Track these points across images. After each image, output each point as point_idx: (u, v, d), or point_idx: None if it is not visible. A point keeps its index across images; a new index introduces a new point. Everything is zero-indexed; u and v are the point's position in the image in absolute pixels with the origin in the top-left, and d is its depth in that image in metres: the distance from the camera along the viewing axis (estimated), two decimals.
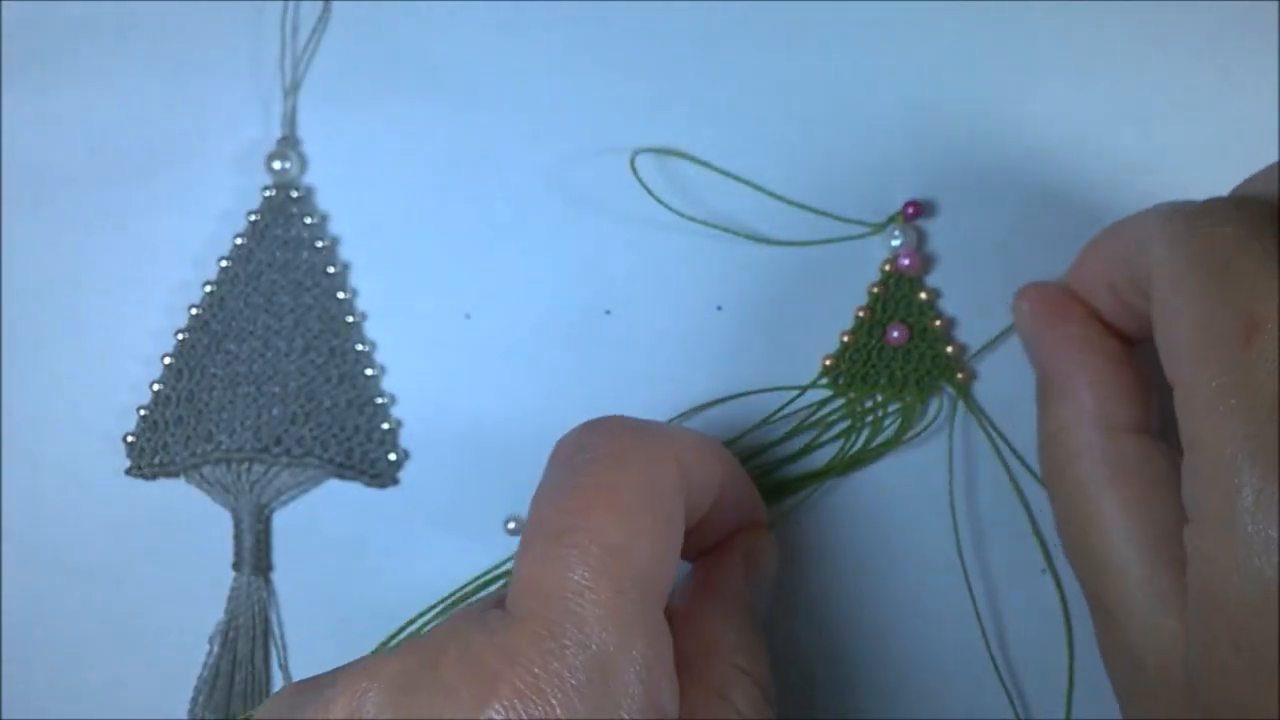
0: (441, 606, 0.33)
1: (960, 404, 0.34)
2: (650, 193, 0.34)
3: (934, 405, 0.34)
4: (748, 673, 0.26)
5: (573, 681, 0.21)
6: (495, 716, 0.21)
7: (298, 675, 0.34)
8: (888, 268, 0.34)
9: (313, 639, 0.34)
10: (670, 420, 0.34)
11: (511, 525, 0.33)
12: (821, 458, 0.34)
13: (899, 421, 0.34)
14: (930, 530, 0.33)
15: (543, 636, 0.22)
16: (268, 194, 0.36)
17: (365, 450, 0.35)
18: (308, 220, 0.36)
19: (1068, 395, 0.29)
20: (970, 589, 0.33)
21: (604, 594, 0.22)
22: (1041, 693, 0.33)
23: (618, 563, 0.23)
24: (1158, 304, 0.25)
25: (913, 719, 0.33)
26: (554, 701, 0.21)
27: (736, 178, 0.35)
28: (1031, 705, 0.33)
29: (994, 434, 0.34)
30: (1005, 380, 0.34)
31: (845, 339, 0.34)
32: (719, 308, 0.35)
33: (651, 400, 0.34)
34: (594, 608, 0.22)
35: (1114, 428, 0.27)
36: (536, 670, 0.21)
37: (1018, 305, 0.31)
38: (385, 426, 0.35)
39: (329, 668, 0.24)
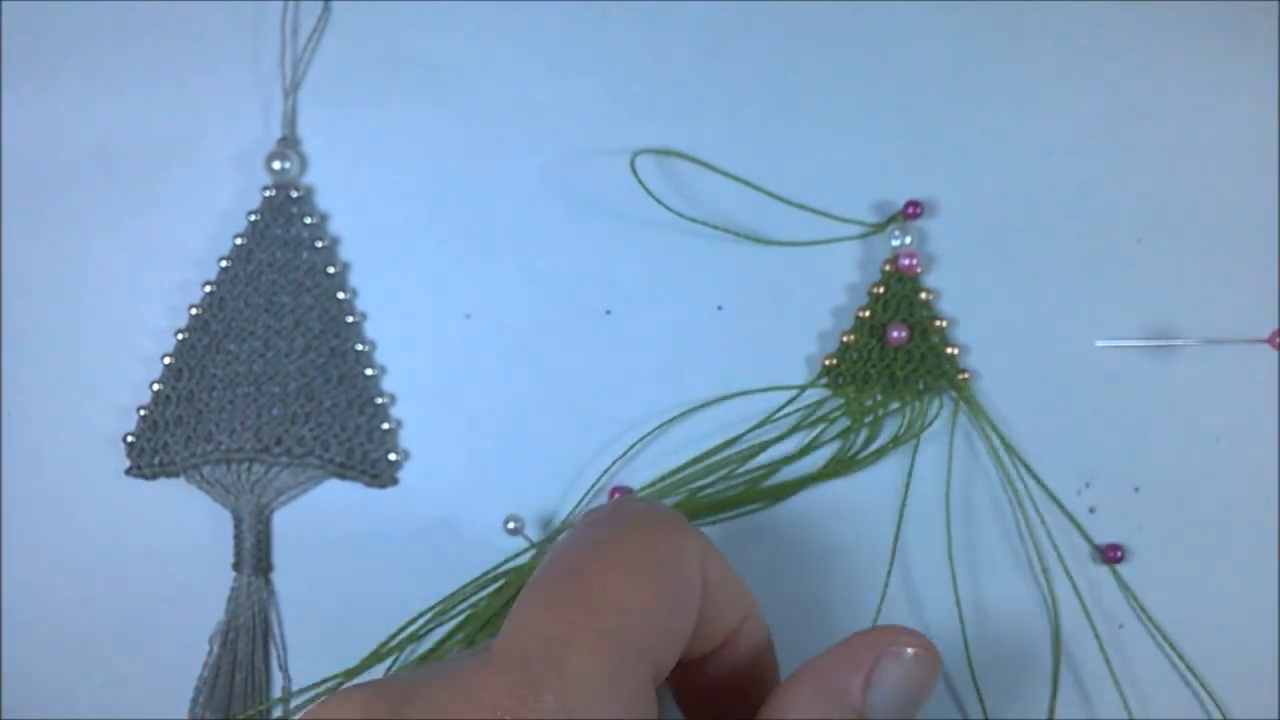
0: (441, 606, 0.33)
1: (958, 404, 0.34)
2: (650, 193, 0.34)
3: (934, 405, 0.34)
4: None
5: None
6: None
7: (297, 675, 0.34)
8: (888, 268, 0.34)
9: (313, 639, 0.34)
10: (669, 420, 0.34)
11: (511, 525, 0.33)
12: (821, 458, 0.34)
13: (899, 421, 0.34)
14: (929, 530, 0.33)
15: (519, 683, 0.21)
16: (268, 194, 0.36)
17: (365, 450, 0.35)
18: (308, 220, 0.36)
19: None
20: (957, 590, 0.33)
21: (594, 648, 0.21)
22: (1040, 692, 0.33)
23: (617, 622, 0.22)
24: None
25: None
26: None
27: (736, 178, 0.35)
28: (1030, 705, 0.33)
29: (992, 434, 0.34)
30: (1005, 380, 0.34)
31: (845, 339, 0.34)
32: (719, 308, 0.35)
33: (651, 400, 0.34)
34: (581, 657, 0.21)
35: None
36: (505, 715, 0.20)
37: None
38: (385, 426, 0.35)
39: (329, 668, 0.23)
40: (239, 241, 0.36)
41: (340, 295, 0.35)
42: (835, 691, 0.23)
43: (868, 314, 0.34)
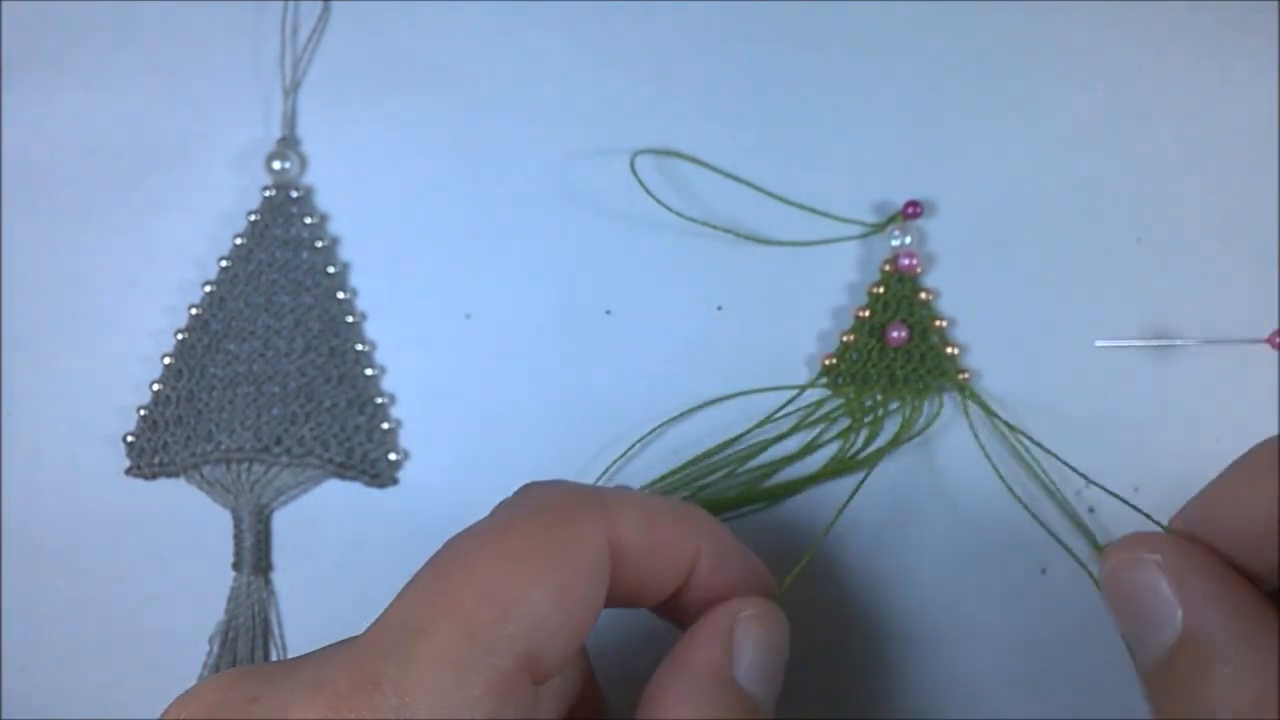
0: None
1: (959, 404, 0.34)
2: (650, 193, 0.34)
3: (934, 405, 0.34)
4: None
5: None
6: None
7: None
8: (888, 268, 0.34)
9: (312, 639, 0.34)
10: (669, 420, 0.34)
11: None
12: (821, 458, 0.34)
13: (899, 421, 0.34)
14: (929, 530, 0.33)
15: (359, 673, 0.21)
16: (268, 194, 0.36)
17: (365, 450, 0.35)
18: (308, 220, 0.36)
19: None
20: (957, 590, 0.33)
21: (447, 638, 0.21)
22: (1038, 691, 0.33)
23: (478, 611, 0.21)
24: None
25: (910, 718, 0.33)
26: None
27: (736, 178, 0.35)
28: (1032, 703, 0.33)
29: (1007, 429, 0.34)
30: (1005, 380, 0.34)
31: (845, 339, 0.34)
32: (719, 308, 0.35)
33: (651, 400, 0.34)
34: (430, 647, 0.21)
35: None
36: (340, 705, 0.20)
37: (1138, 560, 0.24)
38: (385, 426, 0.35)
39: None
40: (239, 241, 0.36)
41: (340, 295, 0.35)
42: (705, 673, 0.24)
43: (868, 314, 0.34)
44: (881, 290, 0.34)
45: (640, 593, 0.26)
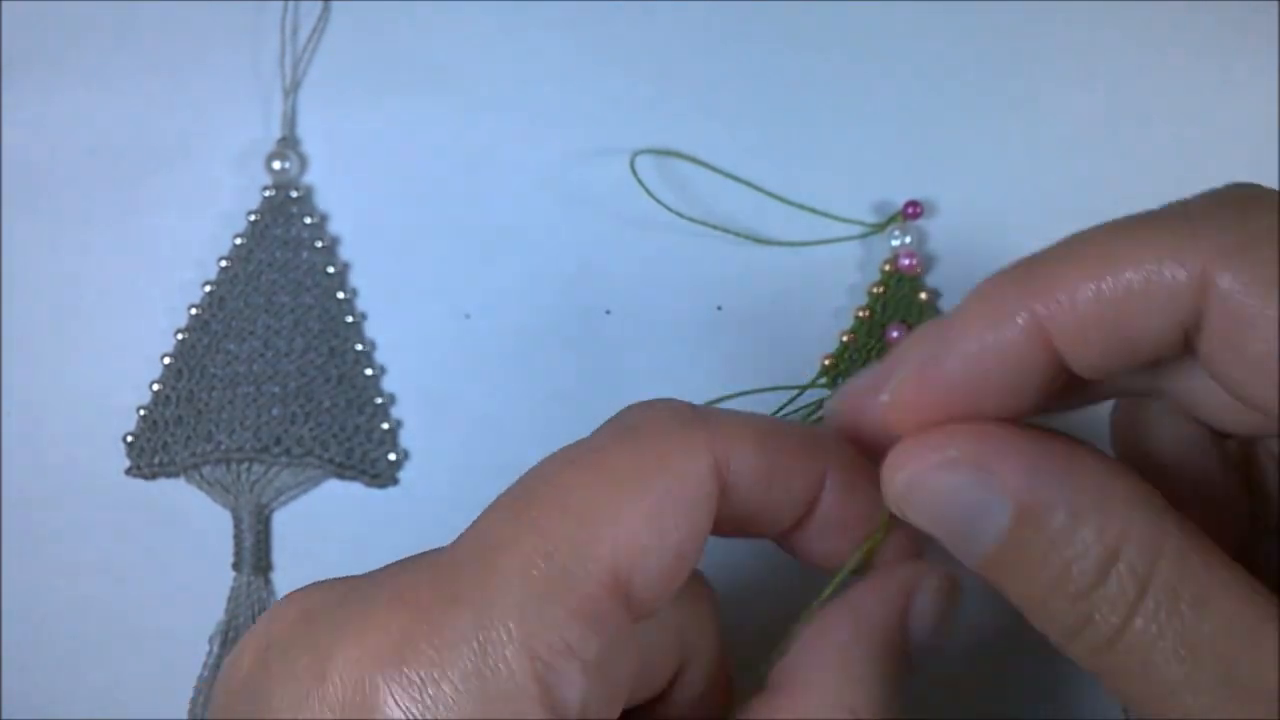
0: None
1: None
2: (650, 193, 0.34)
3: None
4: (866, 715, 0.22)
5: (454, 638, 0.19)
6: (351, 653, 0.19)
7: None
8: (888, 268, 0.34)
9: None
10: None
11: None
12: None
13: None
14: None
15: (438, 582, 0.20)
16: (268, 194, 0.36)
17: (365, 450, 0.35)
18: (308, 220, 0.36)
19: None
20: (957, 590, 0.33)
21: (527, 552, 0.20)
22: (1040, 691, 0.33)
23: (561, 529, 0.20)
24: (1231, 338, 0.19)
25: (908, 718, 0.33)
26: (429, 649, 0.19)
27: (736, 178, 0.35)
28: (1032, 703, 0.33)
29: None
30: None
31: (845, 339, 0.34)
32: (719, 308, 0.35)
33: None
34: (510, 560, 0.20)
35: None
36: (421, 618, 0.19)
37: (937, 465, 0.21)
38: (385, 426, 0.35)
39: None
40: (239, 241, 0.36)
41: (340, 295, 0.35)
42: (879, 632, 0.23)
43: (867, 314, 0.34)
44: (881, 290, 0.34)
45: (756, 521, 0.24)
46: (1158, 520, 0.19)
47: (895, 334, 0.34)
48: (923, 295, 0.34)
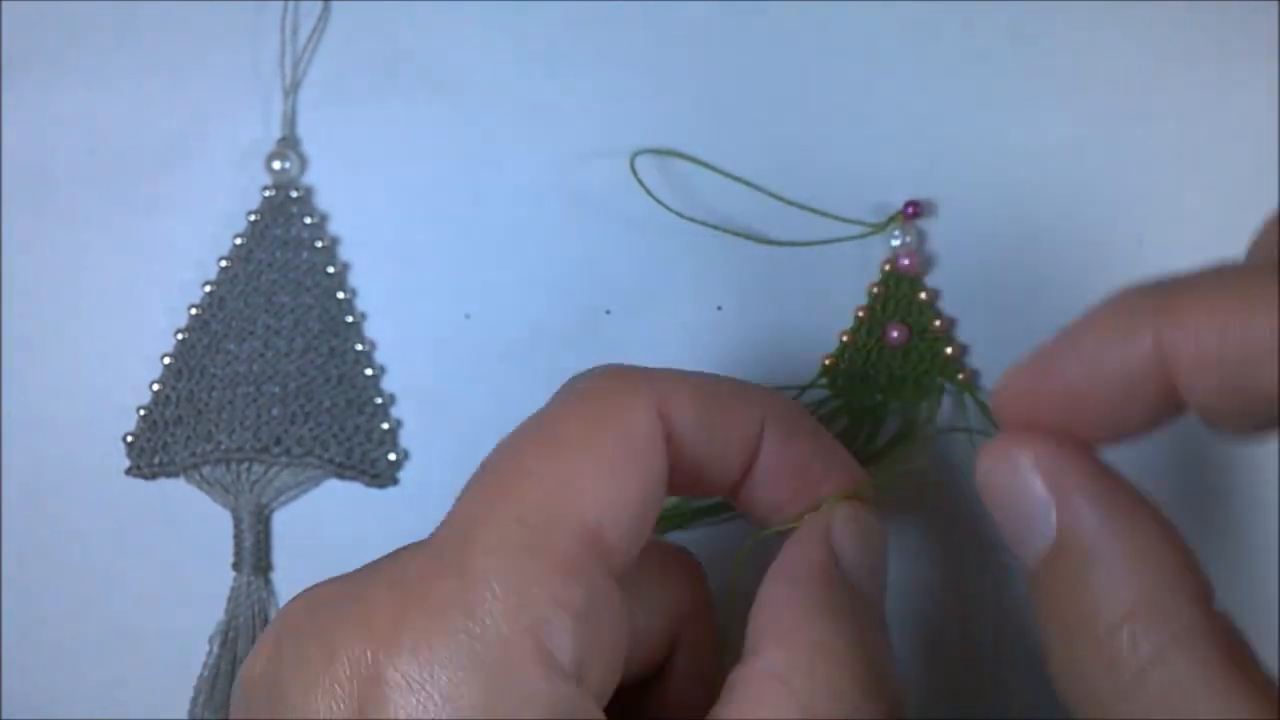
0: None
1: (958, 404, 0.34)
2: (650, 193, 0.34)
3: (934, 405, 0.34)
4: (823, 659, 0.23)
5: (442, 604, 0.20)
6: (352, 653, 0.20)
7: None
8: (888, 268, 0.34)
9: None
10: None
11: None
12: None
13: (899, 422, 0.34)
14: (928, 530, 0.33)
15: (431, 563, 0.21)
16: (268, 194, 0.36)
17: (365, 450, 0.35)
18: (307, 220, 0.36)
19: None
20: (959, 590, 0.33)
21: (503, 521, 0.21)
22: (1040, 690, 0.33)
23: (532, 493, 0.22)
24: None
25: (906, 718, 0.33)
26: (422, 618, 0.20)
27: (736, 178, 0.35)
28: (1033, 702, 0.33)
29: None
30: None
31: (845, 339, 0.34)
32: (719, 308, 0.35)
33: None
34: (489, 532, 0.21)
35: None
36: (412, 595, 0.21)
37: (1010, 460, 0.21)
38: (385, 426, 0.35)
39: None
40: (239, 241, 0.36)
41: (340, 295, 0.35)
42: (811, 572, 0.24)
43: (867, 314, 0.34)
44: (881, 290, 0.34)
45: (706, 474, 0.25)
46: (1176, 608, 0.19)
47: (895, 334, 0.34)
48: (923, 295, 0.34)
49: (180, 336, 0.35)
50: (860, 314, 0.34)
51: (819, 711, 0.22)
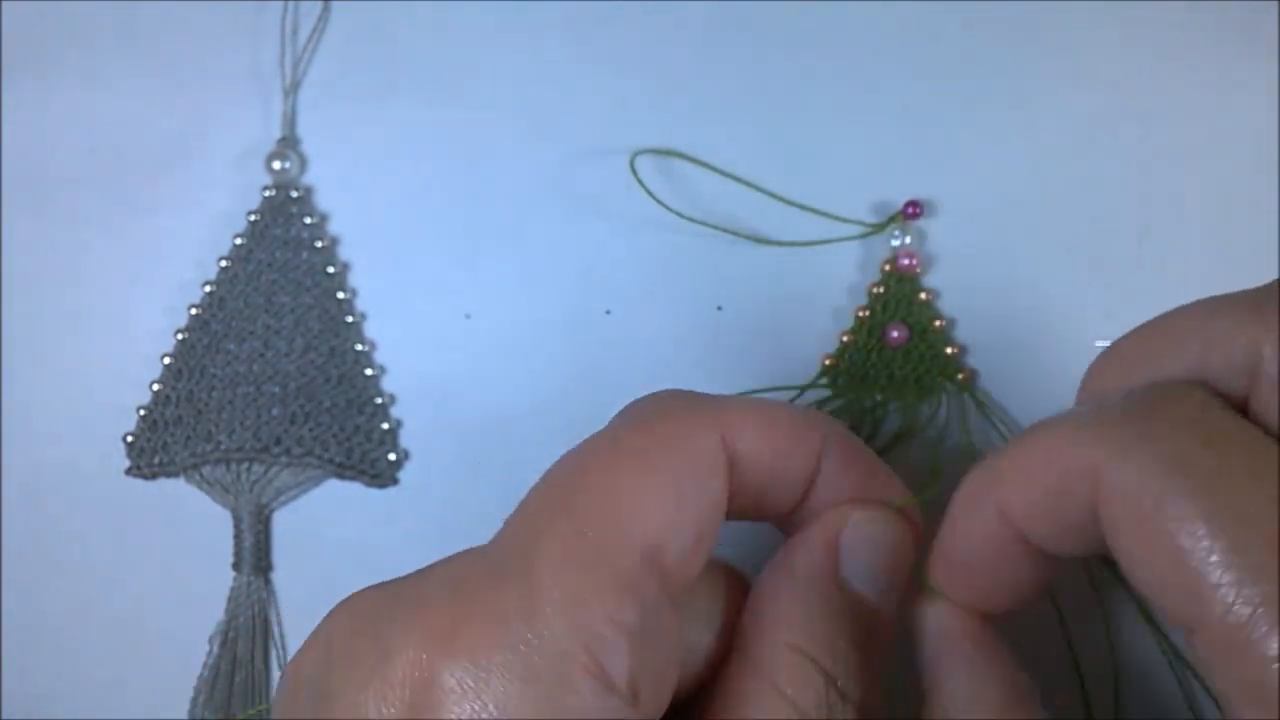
0: None
1: (958, 404, 0.34)
2: (650, 193, 0.34)
3: (934, 405, 0.34)
4: (810, 657, 0.23)
5: (502, 614, 0.20)
6: (410, 654, 0.20)
7: None
8: (888, 268, 0.34)
9: None
10: None
11: None
12: None
13: (899, 422, 0.34)
14: (928, 529, 0.33)
15: (490, 572, 0.21)
16: (268, 194, 0.36)
17: (365, 450, 0.35)
18: (307, 220, 0.36)
19: None
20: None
21: (564, 535, 0.21)
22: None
23: (591, 510, 0.22)
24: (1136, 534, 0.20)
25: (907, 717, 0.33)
26: (481, 625, 0.20)
27: (736, 178, 0.35)
28: None
29: (1006, 430, 0.34)
30: (1005, 380, 0.34)
31: (845, 339, 0.34)
32: (719, 308, 0.35)
33: None
34: (550, 544, 0.21)
35: None
36: (472, 600, 0.21)
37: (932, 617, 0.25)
38: (385, 426, 0.35)
39: None
40: (239, 241, 0.36)
41: (340, 295, 0.35)
42: (807, 572, 0.24)
43: (867, 314, 0.34)
44: (881, 290, 0.34)
45: (764, 501, 0.25)
46: None
47: (895, 334, 0.34)
48: (923, 295, 0.34)
49: (180, 336, 0.35)
50: (860, 314, 0.34)
51: (801, 711, 0.22)
